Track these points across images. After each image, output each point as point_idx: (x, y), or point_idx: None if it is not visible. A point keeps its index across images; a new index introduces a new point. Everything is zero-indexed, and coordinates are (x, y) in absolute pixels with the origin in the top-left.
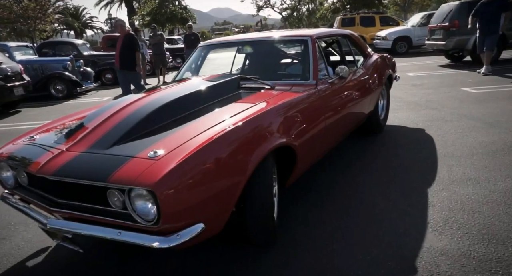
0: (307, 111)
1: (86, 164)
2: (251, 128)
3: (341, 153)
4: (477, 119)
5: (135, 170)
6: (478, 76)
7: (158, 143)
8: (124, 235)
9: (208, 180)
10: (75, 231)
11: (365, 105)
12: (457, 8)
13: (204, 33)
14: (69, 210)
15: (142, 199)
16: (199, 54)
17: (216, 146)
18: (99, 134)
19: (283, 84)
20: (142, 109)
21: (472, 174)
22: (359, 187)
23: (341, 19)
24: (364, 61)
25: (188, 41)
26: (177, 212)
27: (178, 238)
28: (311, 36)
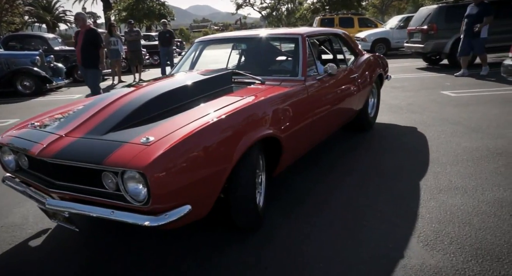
0: (294, 105)
1: (83, 148)
2: (239, 119)
3: (323, 158)
4: (459, 124)
5: (128, 154)
6: (456, 79)
7: (151, 130)
8: (117, 214)
9: (195, 165)
10: (72, 210)
11: (353, 103)
12: (435, 12)
13: (182, 30)
14: (66, 191)
15: (134, 181)
16: (195, 49)
17: (205, 134)
18: (96, 121)
19: (273, 79)
20: (137, 99)
21: (459, 182)
22: (345, 196)
23: (320, 20)
24: (355, 60)
25: (163, 39)
26: (166, 194)
27: (166, 218)
28: (301, 34)
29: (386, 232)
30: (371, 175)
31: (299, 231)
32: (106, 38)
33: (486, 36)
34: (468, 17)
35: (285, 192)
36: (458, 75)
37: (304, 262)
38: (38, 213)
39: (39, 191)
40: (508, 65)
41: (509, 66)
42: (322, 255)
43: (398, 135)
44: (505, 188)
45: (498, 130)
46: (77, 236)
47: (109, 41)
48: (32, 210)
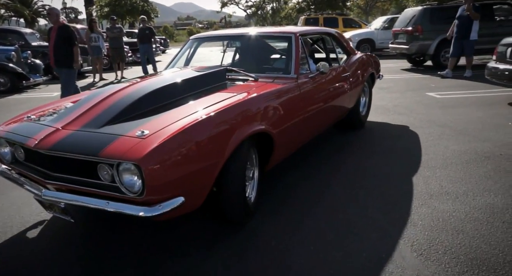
0: (286, 102)
1: (80, 140)
2: (232, 114)
3: (313, 157)
4: (446, 126)
5: (124, 146)
6: (440, 81)
7: (146, 124)
8: (112, 205)
9: (189, 158)
10: (67, 201)
11: (345, 101)
12: (420, 13)
13: (166, 28)
14: (62, 182)
15: (129, 172)
16: (190, 46)
17: (198, 129)
18: (92, 115)
19: (266, 76)
20: (132, 94)
21: (450, 187)
22: (334, 202)
23: (305, 19)
24: (347, 59)
25: (142, 36)
26: (160, 185)
27: (160, 209)
28: (295, 33)
29: (378, 241)
30: (360, 178)
31: (285, 237)
32: (87, 35)
33: (476, 38)
34: (458, 18)
35: (273, 190)
36: (443, 75)
37: (289, 273)
38: (34, 205)
39: (35, 182)
40: (492, 67)
41: (492, 68)
42: (309, 266)
43: (386, 137)
44: (496, 193)
45: (484, 133)
46: (73, 227)
47: (90, 38)
48: (27, 202)
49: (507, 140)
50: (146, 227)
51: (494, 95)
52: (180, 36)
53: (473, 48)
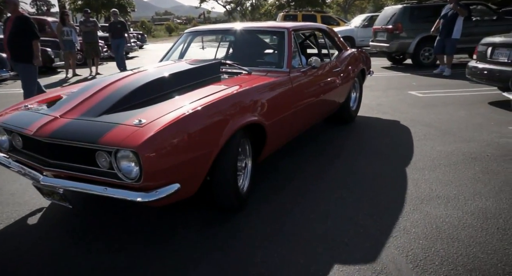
0: (278, 95)
1: (78, 128)
2: (226, 105)
3: (298, 162)
4: (430, 126)
5: (122, 134)
6: (422, 79)
7: (143, 113)
8: (110, 191)
9: (185, 146)
10: (66, 187)
11: (336, 95)
12: (400, 12)
13: (144, 22)
14: (61, 169)
15: (126, 159)
16: (184, 39)
17: (193, 119)
18: (90, 104)
19: (259, 70)
20: (130, 85)
21: (440, 190)
22: (322, 209)
23: (284, 16)
24: (339, 55)
25: (114, 30)
26: (157, 172)
27: (156, 194)
28: (287, 28)
29: (371, 251)
30: (348, 181)
31: (274, 254)
32: (59, 28)
33: (458, 37)
34: (444, 17)
35: None
36: (437, 72)
37: None
38: (32, 192)
39: (33, 170)
40: (472, 67)
41: (473, 68)
42: None
43: (372, 137)
44: (486, 197)
45: (468, 133)
46: (71, 213)
47: (61, 31)
48: (25, 189)
49: (491, 140)
50: (143, 215)
51: (475, 95)
52: (158, 32)
53: (454, 47)
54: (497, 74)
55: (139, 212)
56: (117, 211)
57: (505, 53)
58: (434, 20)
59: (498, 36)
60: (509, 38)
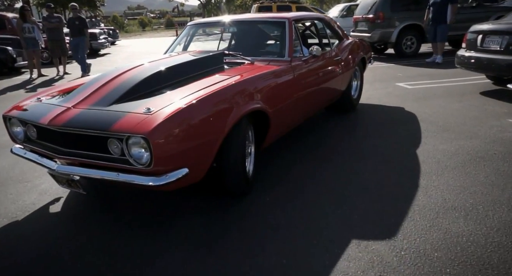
0: (281, 83)
1: (91, 117)
2: (230, 93)
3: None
4: (426, 121)
5: (133, 121)
6: (406, 69)
7: (152, 102)
8: (122, 176)
9: (192, 133)
10: (81, 174)
11: (337, 83)
12: (381, 0)
13: (116, 17)
14: (74, 157)
15: (137, 145)
16: (188, 32)
17: (200, 106)
18: (100, 95)
19: (261, 60)
20: (137, 75)
21: (454, 200)
22: (326, 230)
23: (258, 7)
24: (339, 44)
25: (72, 27)
26: (166, 157)
27: (167, 178)
28: (288, 18)
29: None
30: (349, 194)
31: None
32: (19, 25)
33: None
34: (433, 5)
35: None
36: (429, 61)
37: None
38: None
39: (48, 158)
40: (461, 55)
41: (462, 57)
42: None
43: (367, 136)
44: (507, 205)
45: (468, 128)
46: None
47: (22, 28)
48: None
49: (494, 135)
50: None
51: (464, 84)
52: (131, 27)
53: (446, 34)
54: (489, 63)
55: (148, 200)
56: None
57: (496, 41)
58: (415, 8)
59: (488, 23)
60: (501, 25)
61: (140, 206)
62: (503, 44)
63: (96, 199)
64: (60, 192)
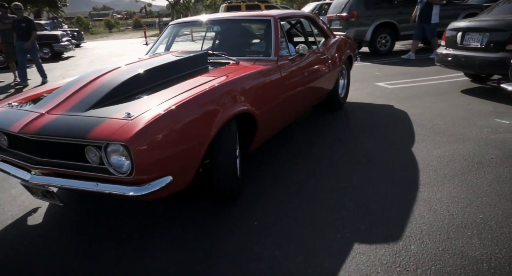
0: (267, 84)
1: (66, 124)
2: (215, 96)
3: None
4: (414, 123)
5: (111, 128)
6: (383, 68)
7: (132, 106)
8: (101, 187)
9: (175, 138)
10: (56, 184)
11: (324, 82)
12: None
13: (80, 18)
14: (49, 166)
15: (117, 153)
16: (170, 32)
17: (183, 110)
18: (76, 99)
19: (247, 59)
20: (116, 78)
21: (462, 215)
22: (311, 254)
23: (226, 7)
24: (325, 42)
25: (18, 29)
26: (148, 165)
27: (149, 188)
28: (274, 16)
29: None
30: (346, 214)
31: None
32: None
33: (437, 21)
34: (420, 3)
35: None
36: (406, 57)
37: None
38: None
39: (21, 168)
40: (440, 53)
41: (441, 54)
42: None
43: (356, 143)
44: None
45: (457, 130)
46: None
47: None
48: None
49: (486, 137)
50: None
51: (443, 82)
52: (97, 28)
53: (435, 31)
54: (470, 60)
55: (133, 206)
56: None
57: (477, 38)
58: (387, 6)
59: (467, 20)
60: (481, 22)
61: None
62: (483, 42)
63: (76, 210)
64: (39, 202)
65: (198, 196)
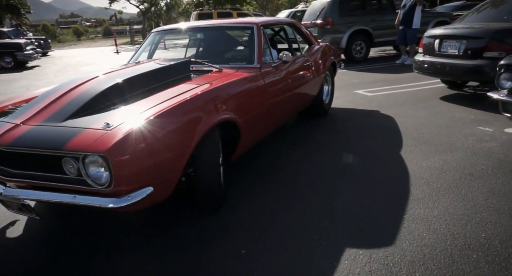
0: (250, 91)
1: (42, 135)
2: (196, 104)
3: None
4: (399, 132)
5: (89, 138)
6: (361, 75)
7: (111, 116)
8: (79, 199)
9: (156, 148)
10: (32, 197)
11: (308, 89)
12: (329, 5)
13: (46, 26)
14: (25, 179)
15: (95, 164)
16: (152, 39)
17: (165, 119)
18: (53, 109)
19: (230, 67)
20: (96, 87)
21: (464, 234)
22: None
23: (198, 14)
24: (309, 48)
25: None
26: (128, 176)
27: (129, 199)
28: (256, 23)
29: None
30: (333, 233)
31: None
32: None
33: (418, 27)
34: (403, 7)
35: None
36: (399, 62)
37: None
38: None
39: None
40: (419, 61)
41: (419, 61)
42: None
43: (341, 156)
44: None
45: (443, 139)
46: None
47: None
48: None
49: (472, 146)
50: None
51: (422, 89)
52: (65, 36)
53: (415, 37)
54: (448, 67)
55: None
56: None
57: (454, 45)
58: (361, 13)
59: (443, 28)
60: (458, 30)
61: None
62: (461, 49)
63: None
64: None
65: (179, 204)
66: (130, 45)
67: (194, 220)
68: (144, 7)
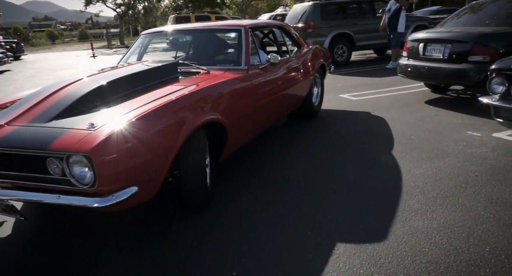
0: (237, 93)
1: (26, 135)
2: (182, 105)
3: None
4: (388, 138)
5: (73, 138)
6: (344, 79)
7: (95, 117)
8: (64, 199)
9: (140, 148)
10: (17, 198)
11: (297, 91)
12: (311, 9)
13: (18, 29)
14: (8, 179)
15: (79, 164)
16: (141, 42)
17: (149, 119)
18: (38, 110)
19: (217, 69)
20: (82, 89)
21: (468, 249)
22: None
23: (175, 18)
24: (298, 51)
25: None
26: (112, 176)
27: (113, 199)
28: (244, 26)
29: None
30: (325, 250)
31: None
32: None
33: (403, 31)
34: (388, 11)
35: None
36: (390, 67)
37: None
38: None
39: None
40: (403, 64)
41: (404, 65)
42: None
43: (331, 164)
44: None
45: (433, 145)
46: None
47: None
48: None
49: (464, 152)
50: None
51: (407, 93)
52: (38, 40)
53: (399, 40)
54: (433, 71)
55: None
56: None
57: (439, 49)
58: (342, 17)
59: (427, 31)
60: (442, 34)
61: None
62: (445, 53)
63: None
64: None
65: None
66: (107, 49)
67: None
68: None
